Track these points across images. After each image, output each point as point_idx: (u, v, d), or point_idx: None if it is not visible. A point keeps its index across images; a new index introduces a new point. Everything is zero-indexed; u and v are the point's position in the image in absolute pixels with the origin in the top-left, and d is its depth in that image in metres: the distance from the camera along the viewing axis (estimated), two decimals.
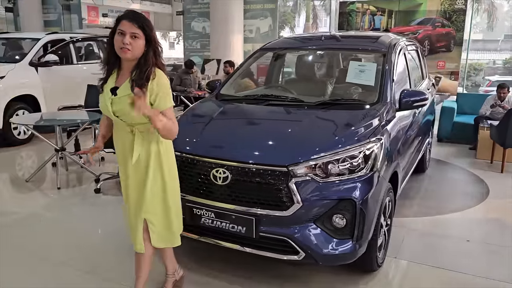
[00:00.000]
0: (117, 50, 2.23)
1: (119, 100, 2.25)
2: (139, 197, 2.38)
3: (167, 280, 2.79)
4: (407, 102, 3.34)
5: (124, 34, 2.18)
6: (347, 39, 4.19)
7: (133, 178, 2.38)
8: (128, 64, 2.27)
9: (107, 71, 2.34)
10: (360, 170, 2.63)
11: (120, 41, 2.19)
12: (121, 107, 2.24)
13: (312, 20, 26.87)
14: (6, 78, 6.53)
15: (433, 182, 5.14)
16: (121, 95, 2.25)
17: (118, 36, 2.21)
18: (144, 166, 2.35)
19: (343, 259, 2.65)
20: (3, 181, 5.34)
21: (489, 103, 6.64)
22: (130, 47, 2.18)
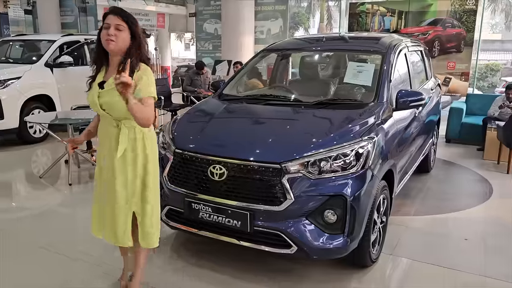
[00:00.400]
0: (103, 43, 2.31)
1: (106, 93, 2.32)
2: (126, 191, 2.40)
3: None
4: (404, 102, 3.40)
5: (108, 27, 2.28)
6: (348, 40, 4.26)
7: (120, 173, 2.39)
8: (115, 60, 2.35)
9: (96, 68, 2.43)
10: (351, 168, 2.71)
11: (105, 34, 2.28)
12: (108, 99, 2.32)
13: (326, 21, 26.83)
14: (23, 79, 6.77)
15: (436, 182, 5.17)
16: (108, 88, 2.32)
17: (104, 30, 2.30)
18: (131, 161, 2.38)
19: (335, 253, 2.74)
20: (19, 177, 5.56)
21: (497, 104, 6.61)
22: (114, 38, 2.26)
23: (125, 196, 2.41)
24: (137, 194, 2.44)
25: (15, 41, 8.46)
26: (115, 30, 2.27)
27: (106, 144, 2.43)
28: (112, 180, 2.41)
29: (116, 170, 2.39)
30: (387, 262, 3.25)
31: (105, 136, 2.44)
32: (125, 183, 2.40)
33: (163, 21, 21.78)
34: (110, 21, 2.29)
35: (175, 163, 3.01)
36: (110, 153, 2.40)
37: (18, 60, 7.88)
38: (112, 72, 2.33)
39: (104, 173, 2.46)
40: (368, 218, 2.85)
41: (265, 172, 2.67)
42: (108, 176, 2.43)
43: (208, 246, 3.37)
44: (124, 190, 2.41)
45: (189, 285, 2.92)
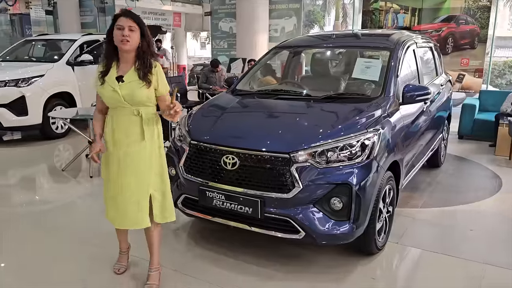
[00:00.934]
0: (117, 43, 2.53)
1: (128, 85, 2.55)
2: (142, 175, 2.62)
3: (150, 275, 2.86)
4: (410, 96, 3.52)
5: (123, 28, 2.49)
6: (357, 37, 4.38)
7: (136, 158, 2.60)
8: (126, 56, 2.58)
9: (107, 65, 2.62)
10: (357, 158, 2.86)
11: (120, 35, 2.50)
12: (129, 92, 2.55)
13: (342, 19, 26.80)
14: (45, 77, 7.06)
15: (446, 176, 5.26)
16: (128, 81, 2.56)
17: (117, 31, 2.51)
18: (150, 145, 2.63)
19: (341, 239, 2.89)
20: (42, 170, 5.84)
21: (510, 100, 6.62)
22: (129, 39, 2.50)
23: (147, 179, 2.64)
24: (157, 176, 2.69)
25: (38, 41, 8.79)
26: (128, 31, 2.49)
27: (123, 135, 2.62)
28: (135, 165, 2.61)
29: (140, 155, 2.61)
30: (393, 250, 3.38)
31: (122, 125, 2.62)
32: (149, 166, 2.64)
33: (179, 20, 22.07)
34: (123, 23, 2.50)
35: (190, 154, 3.19)
36: (133, 139, 2.60)
37: (40, 59, 8.20)
38: (125, 66, 2.59)
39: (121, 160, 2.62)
40: (374, 207, 2.99)
41: (275, 162, 2.83)
42: (127, 163, 2.61)
43: (222, 233, 3.55)
44: (147, 173, 2.63)
45: (206, 269, 3.10)
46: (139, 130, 2.60)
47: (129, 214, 2.67)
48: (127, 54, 2.57)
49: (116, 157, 2.65)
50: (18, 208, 4.41)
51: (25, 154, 6.49)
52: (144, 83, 2.56)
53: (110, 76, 2.58)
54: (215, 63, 9.01)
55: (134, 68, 2.57)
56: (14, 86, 6.68)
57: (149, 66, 2.56)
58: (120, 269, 3.03)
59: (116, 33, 2.52)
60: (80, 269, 3.12)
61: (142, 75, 2.56)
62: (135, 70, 2.57)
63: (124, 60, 2.60)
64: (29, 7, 16.59)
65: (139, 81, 2.56)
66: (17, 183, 5.33)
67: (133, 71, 2.58)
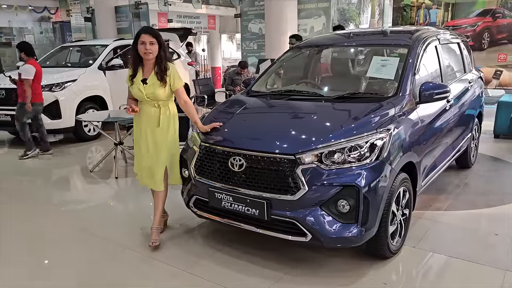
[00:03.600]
0: (142, 55, 3.30)
1: (149, 87, 3.30)
2: (160, 150, 3.38)
3: (152, 232, 3.48)
4: (427, 95, 3.39)
5: (145, 43, 3.24)
6: (377, 35, 4.27)
7: (157, 137, 3.37)
8: (148, 63, 3.34)
9: (134, 69, 3.37)
10: (365, 159, 2.78)
11: (143, 49, 3.26)
12: (152, 91, 3.30)
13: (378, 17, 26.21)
14: (78, 81, 7.34)
15: (476, 178, 5.02)
16: (150, 83, 3.30)
17: (141, 45, 3.27)
18: (166, 128, 3.39)
19: (348, 242, 2.82)
20: (73, 171, 6.07)
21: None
22: (151, 51, 3.27)
23: (165, 155, 3.41)
24: (170, 152, 3.44)
25: (74, 47, 9.15)
26: (150, 45, 3.24)
27: (145, 121, 3.38)
28: (155, 144, 3.38)
29: (158, 138, 3.38)
30: (410, 254, 3.26)
31: (145, 116, 3.38)
32: (165, 145, 3.40)
33: (213, 23, 22.34)
34: (145, 39, 3.24)
35: (200, 156, 3.22)
36: (152, 126, 3.36)
37: (75, 64, 8.52)
38: (148, 71, 3.35)
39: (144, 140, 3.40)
40: (385, 209, 2.89)
41: (280, 163, 2.80)
42: (149, 142, 3.38)
43: (233, 234, 3.55)
44: (164, 150, 3.40)
45: (215, 270, 3.11)
46: (157, 119, 3.35)
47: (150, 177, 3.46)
48: (149, 62, 3.32)
49: (142, 138, 3.43)
50: (45, 207, 4.60)
51: (59, 156, 6.75)
52: (162, 83, 3.30)
53: (137, 78, 3.34)
54: (244, 65, 9.05)
55: (154, 72, 3.32)
56: (48, 91, 6.98)
57: (165, 70, 3.31)
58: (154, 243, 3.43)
59: (140, 47, 3.26)
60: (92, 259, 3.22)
61: (160, 78, 3.30)
62: (154, 74, 3.31)
63: (147, 66, 3.35)
64: (69, 15, 17.31)
65: (159, 83, 3.29)
66: (49, 183, 5.56)
67: (153, 75, 3.32)
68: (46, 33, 18.71)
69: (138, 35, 3.28)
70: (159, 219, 3.54)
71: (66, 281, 3.04)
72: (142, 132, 3.42)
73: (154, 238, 3.43)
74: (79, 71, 7.56)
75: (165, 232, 3.69)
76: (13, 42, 16.87)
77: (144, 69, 3.35)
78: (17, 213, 4.34)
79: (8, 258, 3.38)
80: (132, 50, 3.36)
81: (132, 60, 3.38)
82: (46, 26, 18.69)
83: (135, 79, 3.34)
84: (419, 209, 3.96)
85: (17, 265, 3.28)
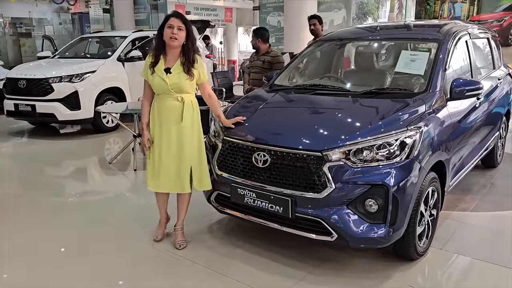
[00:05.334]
0: (166, 39, 2.99)
1: (176, 76, 3.02)
2: (185, 148, 3.09)
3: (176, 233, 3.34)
4: (459, 92, 3.27)
5: (173, 27, 2.97)
6: (405, 29, 4.13)
7: (180, 134, 3.07)
8: (172, 52, 3.06)
9: (156, 56, 3.06)
10: (395, 157, 2.68)
11: (169, 33, 2.97)
12: (176, 81, 3.02)
13: (397, 10, 25.76)
14: (97, 72, 7.33)
15: (502, 178, 4.87)
16: (175, 72, 3.02)
17: (168, 29, 2.98)
18: (190, 123, 3.09)
19: (376, 243, 2.73)
20: (91, 162, 6.07)
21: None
22: (177, 36, 2.98)
23: (191, 154, 3.12)
24: (196, 151, 3.15)
25: (93, 38, 9.16)
26: (177, 30, 2.96)
27: (166, 117, 3.07)
28: (178, 143, 3.08)
29: (181, 135, 3.08)
30: (436, 256, 3.16)
31: (166, 111, 3.08)
32: (190, 143, 3.11)
33: (230, 15, 22.22)
34: (173, 23, 2.97)
35: (223, 150, 3.16)
36: (175, 122, 3.06)
37: (94, 55, 8.53)
38: (172, 60, 3.06)
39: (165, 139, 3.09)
40: (413, 210, 2.80)
41: (306, 160, 2.72)
42: (172, 141, 3.08)
43: (255, 232, 3.49)
44: (189, 149, 3.11)
45: (236, 266, 3.06)
46: (180, 113, 3.06)
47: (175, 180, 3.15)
48: (174, 50, 3.04)
49: (163, 136, 3.10)
50: (64, 198, 4.60)
51: (77, 147, 6.79)
52: (188, 76, 3.03)
53: (158, 67, 3.03)
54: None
55: (180, 63, 3.04)
56: (68, 82, 7.00)
57: (192, 61, 3.05)
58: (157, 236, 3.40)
59: (166, 31, 2.98)
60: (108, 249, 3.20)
61: (187, 69, 3.03)
62: (180, 64, 3.03)
63: (171, 54, 3.06)
64: (88, 6, 17.38)
65: (185, 74, 3.02)
66: (67, 174, 5.59)
67: (179, 65, 3.03)
68: (65, 24, 18.81)
69: (166, 19, 3.00)
70: (183, 219, 3.37)
71: (80, 271, 3.02)
72: (164, 130, 3.09)
73: (180, 240, 3.30)
74: (99, 62, 7.56)
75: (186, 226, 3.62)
76: (33, 33, 17.04)
77: (167, 58, 3.05)
78: (33, 204, 4.35)
79: (23, 246, 3.38)
80: (157, 35, 3.08)
81: (155, 45, 3.09)
82: (65, 17, 18.79)
83: (156, 68, 3.03)
84: (445, 209, 3.83)
85: (32, 252, 3.27)
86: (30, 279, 2.96)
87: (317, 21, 6.11)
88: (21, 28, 17.73)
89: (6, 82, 7.45)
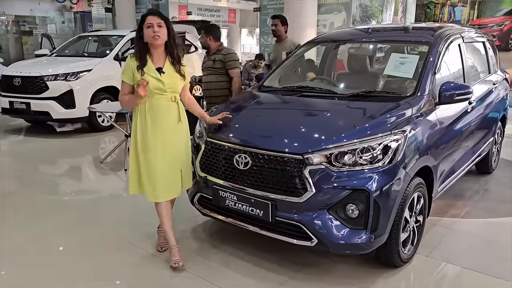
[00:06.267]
0: (149, 40, 2.83)
1: (170, 75, 2.88)
2: (178, 150, 2.97)
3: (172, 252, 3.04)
4: (448, 96, 3.20)
5: (152, 26, 2.80)
6: (398, 31, 4.07)
7: (176, 136, 2.95)
8: (158, 52, 2.90)
9: (141, 59, 2.85)
10: (377, 162, 2.62)
11: (151, 32, 2.81)
12: (170, 81, 2.88)
13: (401, 14, 25.67)
14: (93, 71, 7.31)
15: (497, 184, 4.79)
16: (168, 72, 2.88)
17: (148, 29, 2.82)
18: (185, 123, 3.01)
19: (356, 249, 2.67)
20: (83, 162, 6.05)
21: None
22: (159, 34, 2.82)
23: (184, 155, 3.03)
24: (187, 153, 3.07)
25: (92, 37, 9.14)
26: (158, 28, 2.80)
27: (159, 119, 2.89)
28: (173, 146, 2.94)
29: (179, 136, 2.98)
30: (422, 263, 3.09)
31: (159, 112, 2.89)
32: (183, 144, 3.02)
33: (234, 17, 22.23)
34: (152, 21, 2.81)
35: (206, 152, 3.10)
36: (170, 124, 2.92)
37: (92, 54, 8.52)
38: (159, 60, 2.90)
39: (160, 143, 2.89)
40: (397, 216, 2.73)
41: (287, 163, 2.66)
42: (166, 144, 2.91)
43: (238, 235, 3.43)
44: (182, 150, 3.01)
45: (217, 270, 3.00)
46: (177, 114, 2.94)
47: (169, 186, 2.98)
48: (158, 49, 2.89)
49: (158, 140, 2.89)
50: (52, 196, 4.57)
51: (72, 146, 6.76)
52: (181, 77, 2.93)
53: (149, 67, 2.84)
54: (261, 57, 8.93)
55: (169, 62, 2.91)
56: (63, 80, 6.98)
57: (178, 58, 2.92)
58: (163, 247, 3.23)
59: (146, 31, 2.82)
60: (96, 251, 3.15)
61: (178, 69, 2.91)
62: (170, 64, 2.90)
63: (156, 54, 2.90)
64: (91, 5, 17.43)
65: (177, 74, 2.91)
66: (59, 173, 5.55)
67: (169, 64, 2.90)
68: (67, 23, 18.89)
69: (143, 19, 2.83)
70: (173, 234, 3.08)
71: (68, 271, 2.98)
72: (158, 132, 2.87)
73: (176, 258, 2.99)
74: (95, 61, 7.53)
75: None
76: (35, 31, 17.09)
77: (154, 59, 2.87)
78: (26, 202, 4.32)
79: (14, 245, 3.34)
80: (136, 38, 2.90)
81: (137, 48, 2.88)
82: (67, 16, 18.87)
83: (146, 69, 2.82)
84: (435, 215, 3.78)
85: (20, 252, 3.23)
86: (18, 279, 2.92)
87: (280, 22, 5.64)
88: (24, 26, 17.82)
89: (1, 80, 7.45)
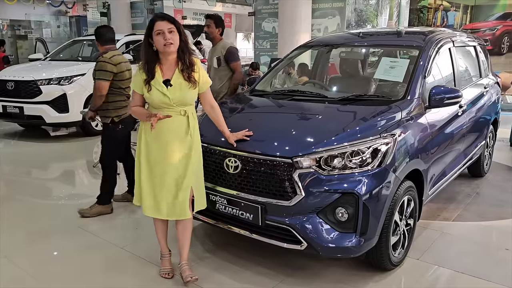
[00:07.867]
0: (161, 48, 2.55)
1: (177, 88, 2.59)
2: (188, 168, 2.67)
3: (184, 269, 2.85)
4: (438, 99, 3.21)
5: (163, 32, 2.51)
6: (389, 35, 4.09)
7: (184, 152, 2.66)
8: (169, 60, 2.61)
9: (149, 69, 2.59)
10: (367, 165, 2.62)
11: (162, 39, 2.52)
12: (178, 94, 2.60)
13: (396, 18, 25.83)
14: (87, 75, 7.25)
15: (489, 187, 4.80)
16: (176, 84, 2.60)
17: (158, 37, 2.53)
18: (197, 138, 2.73)
19: (346, 252, 2.67)
20: (75, 166, 6.04)
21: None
22: (172, 41, 2.53)
23: (193, 173, 2.70)
24: (196, 170, 2.74)
25: (86, 41, 9.13)
26: (169, 34, 2.52)
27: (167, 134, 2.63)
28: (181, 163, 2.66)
29: (185, 152, 2.66)
30: (413, 267, 3.09)
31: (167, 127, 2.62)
32: (193, 161, 2.70)
33: (229, 21, 22.25)
34: (162, 27, 2.52)
35: None
36: (179, 139, 2.64)
37: (87, 58, 8.49)
38: (170, 69, 2.62)
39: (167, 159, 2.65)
40: (387, 219, 2.73)
41: (276, 166, 2.66)
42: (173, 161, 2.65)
43: (228, 238, 3.43)
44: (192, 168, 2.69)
45: (208, 275, 2.97)
46: (185, 129, 2.65)
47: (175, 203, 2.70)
48: (170, 56, 2.60)
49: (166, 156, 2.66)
50: (44, 200, 4.54)
51: (65, 150, 6.74)
52: (191, 84, 2.62)
53: (156, 80, 2.58)
54: (255, 66, 8.96)
55: (178, 70, 2.61)
56: (57, 84, 6.96)
57: (190, 65, 2.62)
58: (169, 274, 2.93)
59: (157, 39, 2.53)
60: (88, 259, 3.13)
61: (187, 76, 2.60)
62: (179, 72, 2.61)
63: (167, 63, 2.62)
64: (86, 10, 17.41)
65: (186, 83, 2.61)
66: (52, 177, 5.54)
67: (178, 73, 2.61)
68: (63, 27, 18.87)
69: (151, 25, 2.55)
70: (187, 253, 2.88)
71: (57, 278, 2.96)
72: (162, 146, 2.64)
73: (189, 273, 2.81)
74: (88, 65, 7.48)
75: None
76: (30, 36, 17.07)
77: (164, 68, 2.61)
78: (18, 205, 4.29)
79: (5, 248, 3.32)
80: (144, 47, 2.60)
81: (145, 59, 2.59)
82: (63, 20, 18.86)
83: (152, 82, 2.57)
84: (426, 218, 3.79)
85: (12, 256, 3.20)
86: None
87: (213, 23, 4.70)
88: (19, 30, 17.78)
89: None
